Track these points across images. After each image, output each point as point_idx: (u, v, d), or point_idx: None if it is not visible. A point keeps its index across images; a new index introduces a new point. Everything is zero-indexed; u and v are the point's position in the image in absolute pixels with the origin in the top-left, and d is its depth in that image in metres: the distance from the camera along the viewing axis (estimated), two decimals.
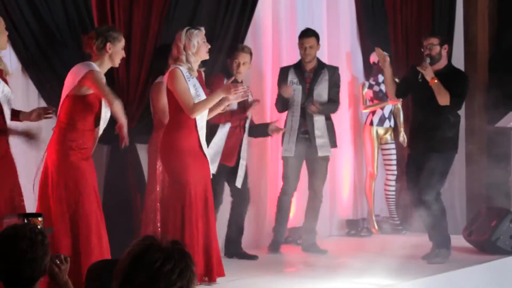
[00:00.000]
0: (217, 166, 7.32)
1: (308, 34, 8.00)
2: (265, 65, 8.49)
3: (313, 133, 7.98)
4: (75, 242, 5.74)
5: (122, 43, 5.96)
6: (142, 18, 7.17)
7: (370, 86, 9.28)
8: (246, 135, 7.58)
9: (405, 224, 9.24)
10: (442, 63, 7.51)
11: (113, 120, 6.86)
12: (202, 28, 6.49)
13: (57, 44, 6.54)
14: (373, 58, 9.28)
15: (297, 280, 6.84)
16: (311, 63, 8.02)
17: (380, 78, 9.14)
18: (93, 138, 5.94)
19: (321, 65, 8.07)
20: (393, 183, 9.42)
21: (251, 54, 7.56)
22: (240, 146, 7.53)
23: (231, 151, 7.46)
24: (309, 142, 7.98)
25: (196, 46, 6.37)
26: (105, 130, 6.99)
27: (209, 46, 6.49)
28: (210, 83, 7.26)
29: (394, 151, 9.38)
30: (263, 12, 8.48)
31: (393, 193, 9.45)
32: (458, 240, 8.47)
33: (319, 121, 8.00)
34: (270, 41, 8.59)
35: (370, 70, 9.42)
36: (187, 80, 6.29)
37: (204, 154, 6.41)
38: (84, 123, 5.84)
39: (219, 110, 6.59)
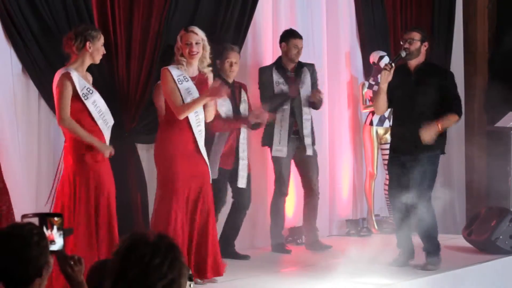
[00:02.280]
0: (217, 171, 7.33)
1: (299, 35, 8.03)
2: (265, 65, 8.48)
3: (302, 132, 8.02)
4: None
5: (101, 40, 6.05)
6: (143, 18, 7.17)
7: (370, 86, 9.28)
8: (244, 135, 7.58)
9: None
10: (420, 59, 7.21)
11: (115, 119, 6.88)
12: (193, 29, 6.48)
13: (58, 44, 6.54)
14: (373, 58, 9.29)
15: (297, 280, 6.84)
16: (293, 63, 8.06)
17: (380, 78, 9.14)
18: (103, 137, 5.99)
19: (300, 64, 8.11)
20: None
21: (239, 53, 7.61)
22: (237, 148, 7.53)
23: (227, 154, 7.47)
24: (299, 142, 8.03)
25: (182, 47, 6.41)
26: None
27: (196, 51, 6.41)
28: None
29: None
30: (263, 12, 8.49)
31: None
32: (458, 240, 8.48)
33: (307, 120, 8.07)
34: (270, 41, 8.59)
35: (369, 70, 9.42)
36: (179, 83, 6.32)
37: (202, 156, 6.43)
38: (86, 121, 5.89)
39: (212, 111, 6.66)
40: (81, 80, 5.92)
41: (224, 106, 7.37)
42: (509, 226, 7.93)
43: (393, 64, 7.09)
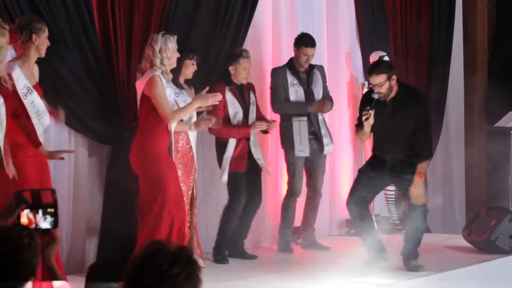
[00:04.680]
0: (227, 175, 7.46)
1: (314, 43, 8.01)
2: (265, 65, 8.50)
3: (320, 132, 8.10)
4: None
5: (46, 32, 5.91)
6: (143, 18, 7.18)
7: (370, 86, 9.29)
8: (254, 137, 7.60)
9: (405, 223, 9.25)
10: (394, 91, 6.97)
11: (114, 119, 6.90)
12: (175, 36, 6.57)
13: (58, 44, 6.55)
14: (373, 58, 9.28)
15: (297, 280, 6.85)
16: (303, 68, 8.10)
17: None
18: (37, 136, 5.88)
19: (310, 65, 8.14)
20: None
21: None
22: (249, 150, 7.56)
23: (239, 158, 7.48)
24: (317, 142, 8.08)
25: (171, 51, 6.47)
26: (106, 129, 7.03)
27: (179, 55, 6.57)
28: (214, 90, 7.34)
29: None
30: (263, 12, 8.49)
31: (393, 193, 9.45)
32: (457, 240, 8.49)
33: (322, 120, 8.16)
34: (270, 41, 8.60)
35: None
36: (165, 88, 6.38)
37: (172, 157, 6.56)
38: (21, 118, 5.83)
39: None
40: (22, 79, 5.80)
41: (233, 108, 7.40)
42: (508, 226, 7.93)
43: (370, 111, 6.87)
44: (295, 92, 8.00)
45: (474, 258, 7.78)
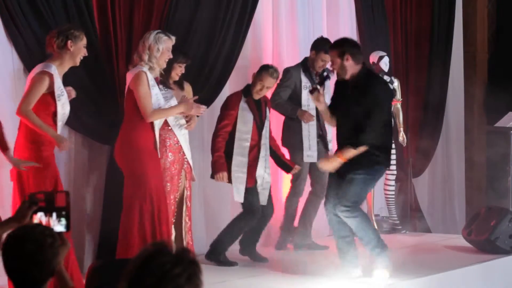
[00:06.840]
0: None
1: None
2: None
3: (327, 137, 8.11)
4: None
5: (83, 41, 5.98)
6: (143, 19, 7.19)
7: None
8: (264, 152, 7.48)
9: (405, 223, 9.25)
10: (353, 72, 6.62)
11: (115, 119, 6.90)
12: (173, 38, 6.57)
13: None
14: (373, 58, 9.29)
15: (297, 280, 6.85)
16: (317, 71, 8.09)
17: None
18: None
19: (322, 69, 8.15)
20: (393, 182, 9.43)
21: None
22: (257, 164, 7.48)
23: (249, 174, 7.37)
24: (324, 144, 8.09)
25: (160, 52, 6.48)
26: (106, 129, 7.04)
27: (171, 57, 6.58)
28: (228, 101, 7.30)
29: (393, 151, 9.38)
30: (263, 12, 8.50)
31: (393, 192, 9.46)
32: (457, 240, 8.49)
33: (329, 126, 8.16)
34: (270, 41, 8.60)
35: None
36: (151, 87, 6.42)
37: (158, 153, 6.57)
38: (47, 120, 5.89)
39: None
40: (58, 80, 5.89)
41: (243, 122, 7.35)
42: (508, 226, 7.94)
43: (318, 87, 6.72)
44: (308, 94, 7.97)
45: (474, 258, 7.78)
